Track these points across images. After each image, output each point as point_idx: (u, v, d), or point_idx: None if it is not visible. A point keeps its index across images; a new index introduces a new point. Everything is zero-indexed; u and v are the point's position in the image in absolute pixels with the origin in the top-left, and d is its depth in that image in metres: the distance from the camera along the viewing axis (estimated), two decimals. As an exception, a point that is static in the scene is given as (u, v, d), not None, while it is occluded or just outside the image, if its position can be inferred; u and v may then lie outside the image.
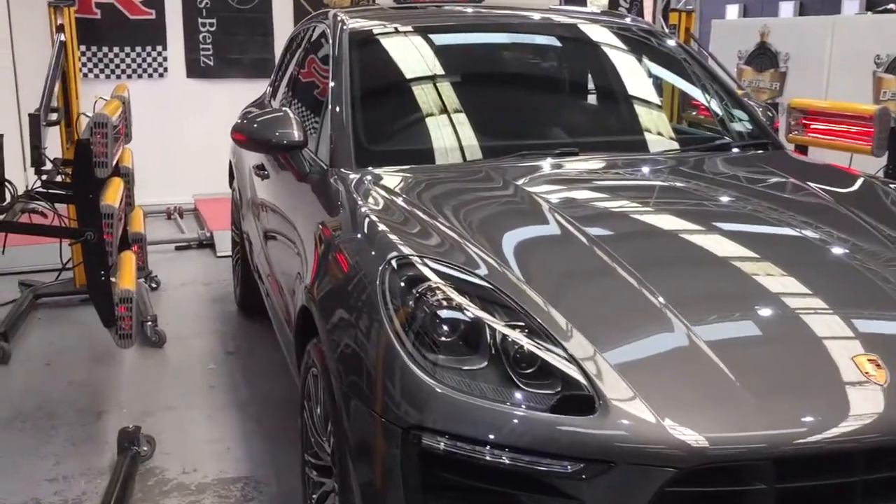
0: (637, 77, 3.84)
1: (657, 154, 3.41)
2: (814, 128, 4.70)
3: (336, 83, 3.37)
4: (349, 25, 3.62)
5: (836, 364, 2.04)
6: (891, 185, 3.25)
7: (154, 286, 5.78)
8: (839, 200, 2.90)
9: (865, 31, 6.21)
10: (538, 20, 3.90)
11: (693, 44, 5.83)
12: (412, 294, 2.19)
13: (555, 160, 3.16)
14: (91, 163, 3.33)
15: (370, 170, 3.05)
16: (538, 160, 3.16)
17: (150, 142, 6.99)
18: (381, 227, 2.54)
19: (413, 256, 2.33)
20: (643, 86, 3.84)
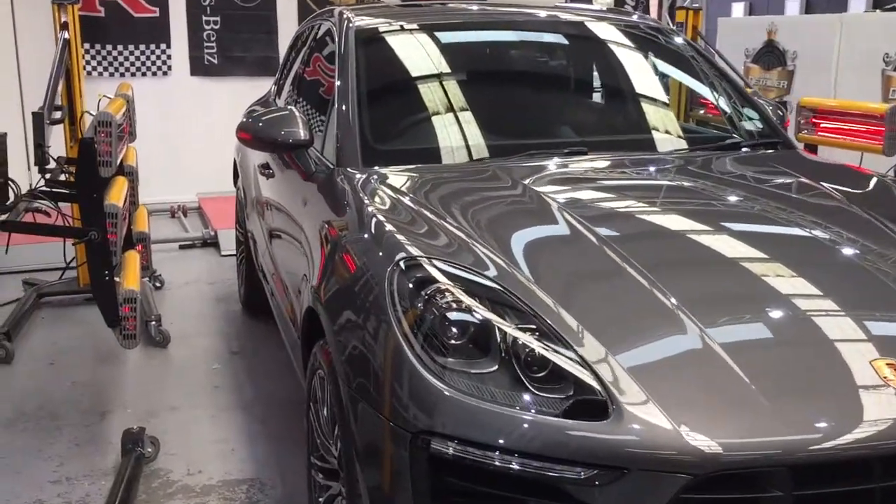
0: (645, 75, 3.81)
1: (667, 153, 3.37)
2: (824, 126, 4.66)
3: (342, 81, 3.34)
4: (355, 23, 3.59)
5: (854, 368, 2.00)
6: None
7: (158, 285, 5.75)
8: (853, 201, 2.86)
9: (874, 30, 6.16)
10: (545, 18, 3.86)
11: (700, 42, 5.79)
12: (421, 296, 2.16)
13: (563, 159, 3.13)
14: (95, 162, 3.30)
15: (377, 169, 3.01)
16: (547, 159, 3.13)
17: (154, 140, 6.98)
18: (389, 228, 2.51)
19: (421, 257, 2.30)
20: (652, 84, 3.80)
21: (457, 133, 3.26)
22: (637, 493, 1.83)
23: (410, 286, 2.21)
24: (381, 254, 2.41)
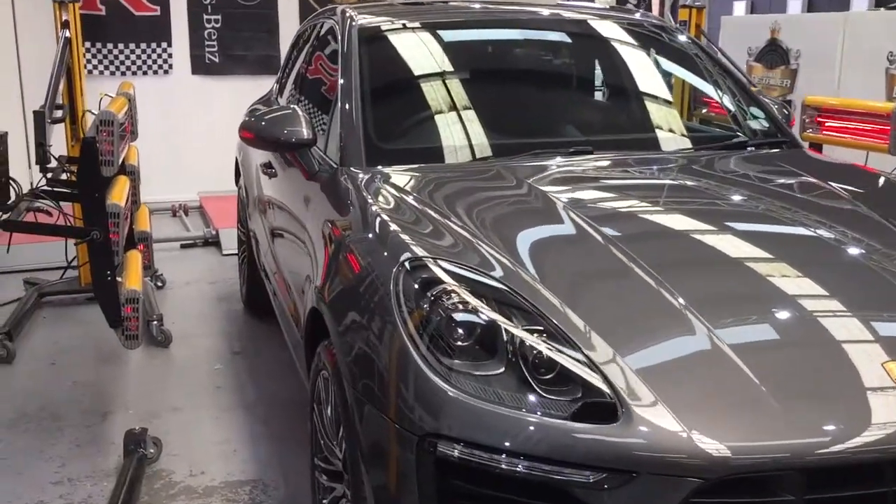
0: (650, 74, 3.78)
1: (673, 153, 3.35)
2: (829, 125, 4.64)
3: (345, 80, 3.31)
4: (358, 22, 3.57)
5: (864, 371, 1.97)
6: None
7: (160, 285, 5.74)
8: (861, 201, 2.84)
9: (878, 28, 6.13)
10: (549, 16, 3.84)
11: (704, 40, 5.76)
12: (426, 297, 2.14)
13: (569, 159, 3.11)
14: (97, 161, 3.27)
15: (381, 168, 2.99)
16: (552, 159, 3.10)
17: (155, 139, 6.95)
18: (393, 227, 2.49)
19: (427, 258, 2.28)
20: (657, 83, 3.78)
21: (461, 132, 3.24)
22: (646, 497, 1.81)
23: (416, 287, 2.19)
24: (386, 254, 2.39)
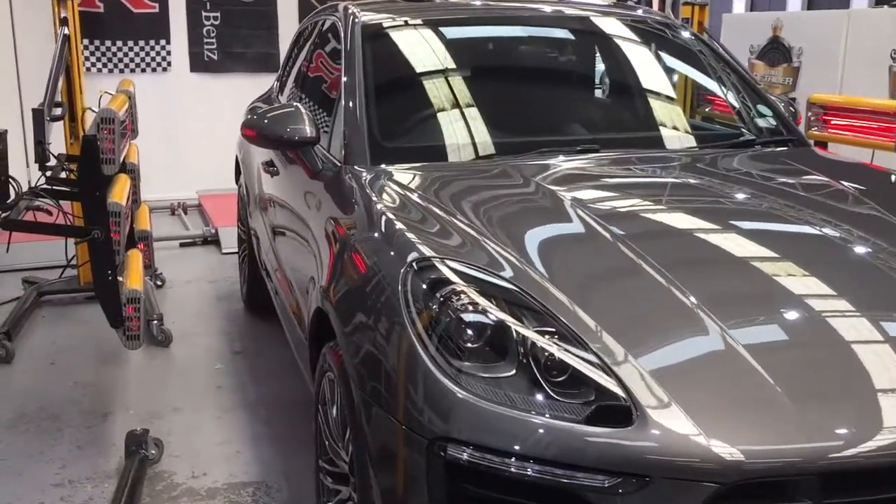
0: (657, 71, 3.75)
1: (680, 151, 3.31)
2: (834, 123, 4.61)
3: (349, 78, 3.28)
4: (361, 19, 3.54)
5: (880, 372, 1.94)
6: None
7: (159, 284, 5.70)
8: (871, 199, 2.80)
9: (881, 25, 6.11)
10: (554, 13, 3.81)
11: (706, 38, 5.73)
12: (435, 298, 2.11)
13: (576, 157, 3.07)
14: (98, 159, 3.24)
15: (386, 167, 2.96)
16: (559, 157, 3.07)
17: (153, 137, 6.89)
18: (399, 226, 2.46)
19: (434, 258, 2.24)
20: (664, 80, 3.75)
21: (466, 130, 3.20)
22: (662, 502, 1.78)
23: (424, 287, 2.15)
24: (393, 253, 2.36)
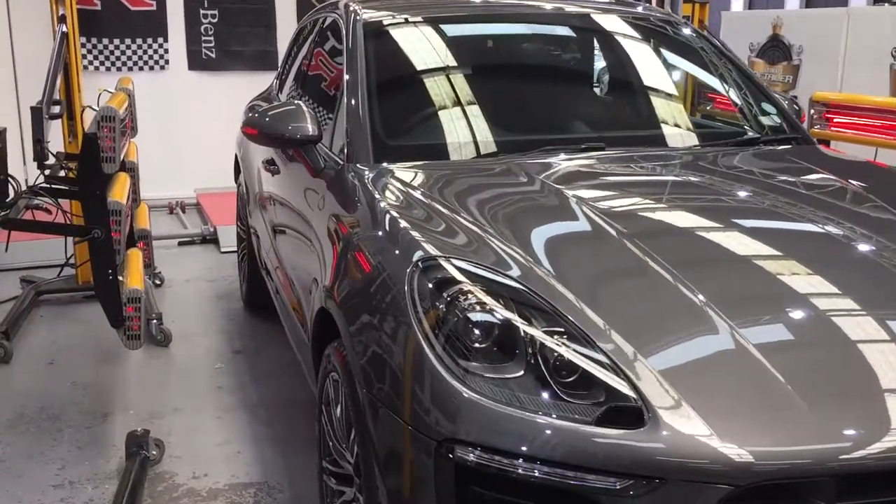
0: (661, 69, 3.73)
1: (686, 149, 3.29)
2: (837, 121, 4.60)
3: (351, 76, 3.25)
4: (362, 16, 3.51)
5: (894, 371, 1.92)
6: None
7: (158, 283, 5.66)
8: (881, 198, 2.78)
9: (882, 23, 6.10)
10: (557, 10, 3.79)
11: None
12: (442, 298, 2.08)
13: (581, 155, 3.05)
14: (98, 158, 3.21)
15: (389, 165, 2.93)
16: (564, 155, 3.05)
17: (151, 135, 6.85)
18: (404, 225, 2.44)
19: (440, 257, 2.22)
20: (668, 78, 3.72)
21: (470, 128, 3.18)
22: (675, 505, 1.76)
23: (430, 286, 2.13)
24: (398, 252, 2.34)
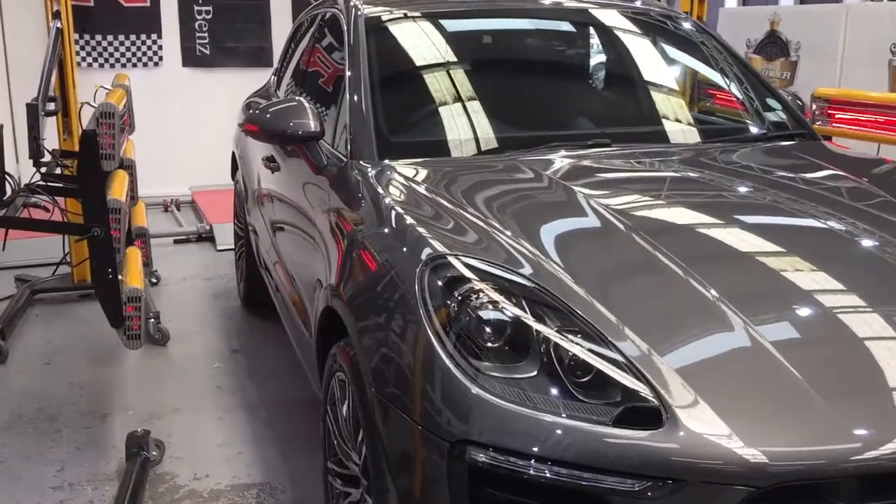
0: (664, 64, 3.70)
1: (692, 145, 3.26)
2: (839, 117, 4.58)
3: (353, 72, 3.21)
4: (364, 11, 3.47)
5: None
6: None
7: (154, 281, 5.62)
8: (892, 194, 2.75)
9: (880, 19, 6.08)
10: (560, 6, 3.76)
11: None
12: (453, 297, 2.05)
13: (588, 151, 3.02)
14: (97, 155, 3.16)
15: (393, 162, 2.90)
16: (570, 151, 3.02)
17: (145, 132, 6.79)
18: (411, 222, 2.40)
19: (450, 255, 2.18)
20: (673, 74, 3.70)
21: (475, 124, 3.14)
22: (694, 506, 1.73)
23: (440, 285, 2.10)
24: (406, 250, 2.31)
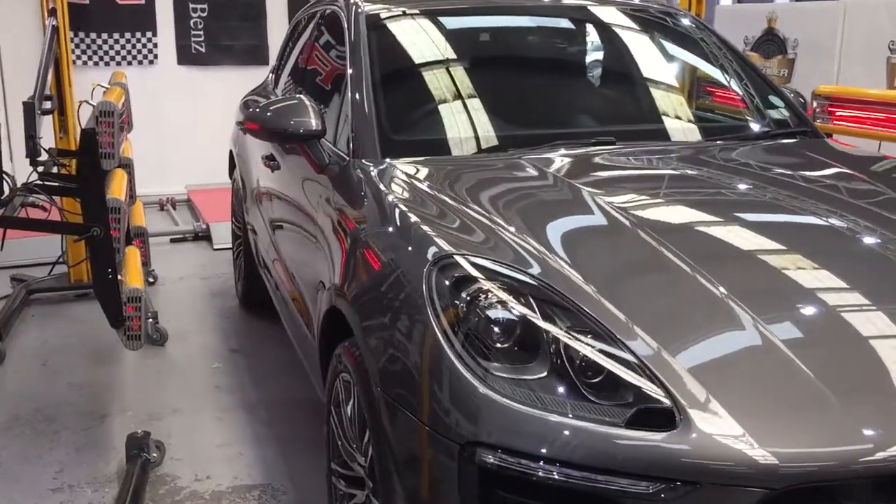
0: (666, 62, 3.68)
1: (695, 143, 3.24)
2: (840, 115, 4.56)
3: (355, 70, 3.19)
4: (364, 8, 3.45)
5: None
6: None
7: (151, 280, 5.58)
8: (896, 190, 2.75)
9: (879, 16, 6.07)
10: (564, 4, 3.74)
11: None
12: (461, 297, 2.03)
13: (593, 149, 3.00)
14: (97, 154, 3.14)
15: (396, 160, 2.87)
16: (575, 149, 3.00)
17: (141, 131, 6.73)
18: (416, 221, 2.38)
19: (457, 254, 2.16)
20: (677, 71, 3.68)
21: (478, 122, 3.12)
22: (708, 508, 1.71)
23: (448, 284, 2.07)
24: (411, 249, 2.30)
